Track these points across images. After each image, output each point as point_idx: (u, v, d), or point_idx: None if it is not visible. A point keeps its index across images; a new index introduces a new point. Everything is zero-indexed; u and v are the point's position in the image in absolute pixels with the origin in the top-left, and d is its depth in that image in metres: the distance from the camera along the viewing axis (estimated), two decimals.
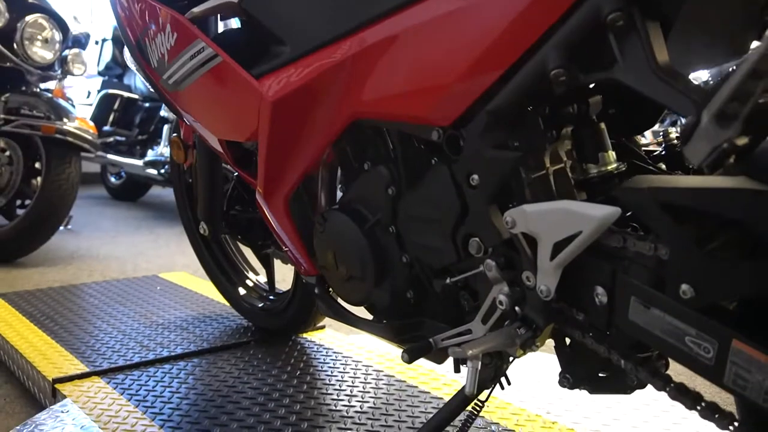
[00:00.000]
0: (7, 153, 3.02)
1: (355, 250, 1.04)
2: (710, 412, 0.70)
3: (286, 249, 1.20)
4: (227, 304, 1.90)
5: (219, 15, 1.18)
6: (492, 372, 0.95)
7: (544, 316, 0.82)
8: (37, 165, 3.01)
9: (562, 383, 0.91)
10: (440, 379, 1.50)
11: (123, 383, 1.43)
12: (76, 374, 1.45)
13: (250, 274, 1.84)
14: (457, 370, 1.01)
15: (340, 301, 1.18)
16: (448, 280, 0.93)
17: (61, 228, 3.74)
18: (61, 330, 1.74)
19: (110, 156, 4.60)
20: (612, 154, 0.87)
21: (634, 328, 0.74)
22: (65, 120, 2.88)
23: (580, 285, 0.78)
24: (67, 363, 1.51)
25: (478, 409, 1.00)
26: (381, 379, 1.49)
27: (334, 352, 1.67)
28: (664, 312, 0.69)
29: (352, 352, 1.66)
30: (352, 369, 1.56)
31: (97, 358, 1.56)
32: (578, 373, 0.90)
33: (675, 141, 0.95)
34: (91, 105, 4.83)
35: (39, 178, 2.93)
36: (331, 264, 1.09)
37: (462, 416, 0.98)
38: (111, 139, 4.68)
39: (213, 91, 1.08)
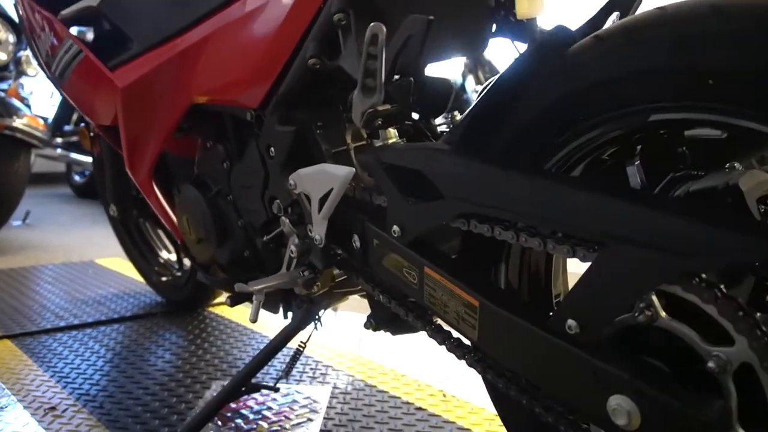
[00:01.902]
0: None
1: (200, 216, 1.22)
2: (440, 335, 0.89)
3: (160, 219, 1.39)
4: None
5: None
6: (304, 313, 1.14)
7: (321, 261, 1.00)
8: None
9: (366, 326, 1.08)
10: (336, 351, 1.68)
11: (30, 346, 1.61)
12: None
13: (163, 252, 2.01)
14: (285, 316, 1.20)
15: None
16: (264, 238, 1.12)
17: (19, 223, 3.93)
18: None
19: (73, 155, 4.75)
20: (392, 132, 1.05)
21: (380, 267, 0.92)
22: (15, 117, 3.05)
23: (344, 233, 0.96)
24: None
25: (302, 347, 1.19)
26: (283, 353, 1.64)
27: (238, 325, 1.84)
28: (389, 250, 0.88)
29: (256, 326, 1.83)
30: (255, 342, 1.71)
31: (12, 325, 1.73)
32: (380, 316, 1.08)
33: None
34: (54, 105, 4.99)
35: None
36: (186, 229, 1.27)
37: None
38: (74, 138, 4.84)
39: (82, 82, 1.27)
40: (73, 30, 1.25)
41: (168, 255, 2.02)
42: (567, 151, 0.74)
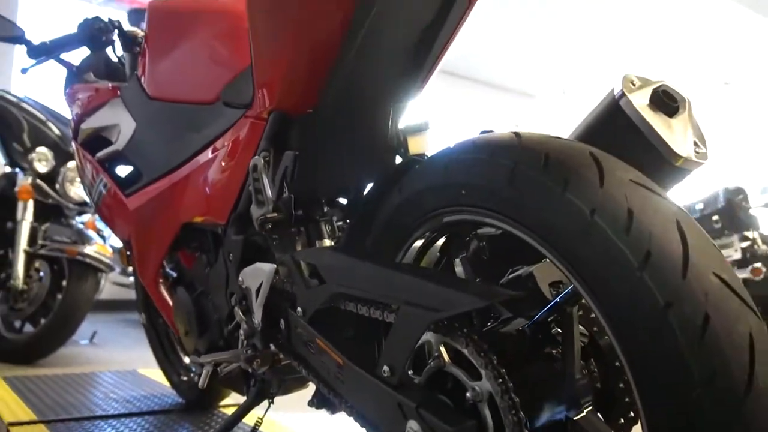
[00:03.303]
0: (41, 272, 3.67)
1: (186, 313, 1.52)
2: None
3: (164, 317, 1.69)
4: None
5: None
6: (257, 391, 1.38)
7: (260, 341, 1.26)
8: (64, 283, 3.63)
9: (310, 404, 1.32)
10: None
11: (59, 430, 1.89)
12: (27, 421, 1.92)
13: (186, 357, 2.30)
14: (246, 393, 1.44)
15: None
16: (228, 327, 1.40)
17: (87, 341, 4.34)
18: (30, 394, 2.24)
19: None
20: (328, 242, 1.33)
21: (298, 344, 1.17)
22: (86, 245, 3.52)
23: (276, 318, 1.23)
24: (23, 413, 2.00)
25: (258, 423, 1.43)
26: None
27: (243, 423, 2.07)
28: (299, 328, 1.14)
29: (262, 426, 2.05)
30: None
31: (48, 413, 2.03)
32: (319, 395, 1.31)
33: None
34: None
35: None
36: (178, 324, 1.56)
37: None
38: None
39: (109, 206, 1.64)
40: (105, 167, 1.64)
41: (189, 359, 2.30)
42: (408, 244, 1.01)
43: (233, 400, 2.24)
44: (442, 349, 0.87)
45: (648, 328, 0.66)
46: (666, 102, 0.96)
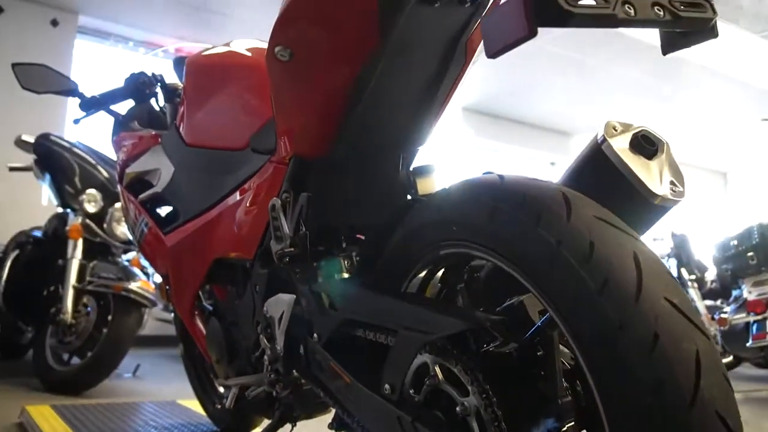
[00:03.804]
0: (88, 307, 3.85)
1: (218, 341, 1.64)
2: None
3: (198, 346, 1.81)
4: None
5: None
6: (280, 414, 1.49)
7: (283, 366, 1.37)
8: (109, 317, 3.81)
9: (330, 427, 1.42)
10: None
11: None
12: None
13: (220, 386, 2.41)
14: (271, 415, 1.55)
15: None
16: (255, 354, 1.51)
17: (130, 375, 4.51)
18: (77, 422, 2.38)
19: None
20: (344, 275, 1.44)
21: (316, 368, 1.28)
22: (131, 281, 3.70)
23: (297, 344, 1.33)
24: None
25: None
26: None
27: None
28: (315, 353, 1.25)
29: None
30: None
31: None
32: (339, 418, 1.41)
33: None
34: None
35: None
36: (211, 351, 1.69)
37: None
38: None
39: (149, 243, 1.78)
40: (146, 208, 1.79)
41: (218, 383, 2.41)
42: (413, 273, 1.11)
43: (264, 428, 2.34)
44: (437, 369, 0.97)
45: (605, 346, 0.75)
46: (644, 145, 1.06)
